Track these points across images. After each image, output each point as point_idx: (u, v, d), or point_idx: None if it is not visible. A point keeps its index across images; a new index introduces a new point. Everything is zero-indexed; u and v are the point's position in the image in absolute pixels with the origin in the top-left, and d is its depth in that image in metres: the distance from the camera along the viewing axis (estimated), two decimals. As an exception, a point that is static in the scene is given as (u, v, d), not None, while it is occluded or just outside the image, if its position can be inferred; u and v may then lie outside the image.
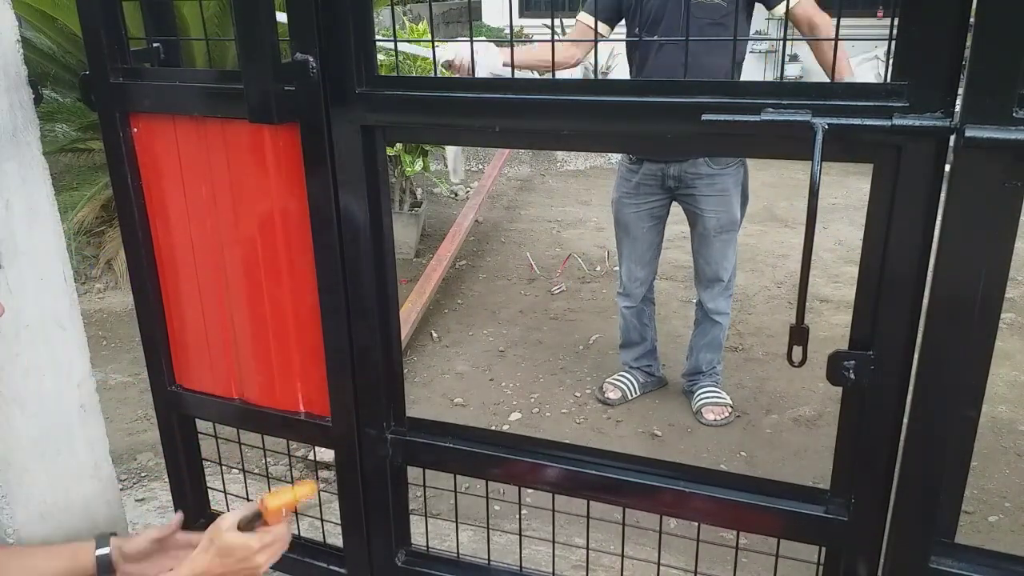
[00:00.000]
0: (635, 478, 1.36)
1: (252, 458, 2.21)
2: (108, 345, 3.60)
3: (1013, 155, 0.94)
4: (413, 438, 1.50)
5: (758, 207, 5.52)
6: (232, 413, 1.61)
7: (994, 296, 1.01)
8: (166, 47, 1.53)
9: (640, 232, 2.88)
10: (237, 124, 1.35)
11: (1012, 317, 3.64)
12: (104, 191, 4.21)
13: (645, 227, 2.87)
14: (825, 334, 3.42)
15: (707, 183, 2.69)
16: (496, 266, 4.56)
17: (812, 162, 0.99)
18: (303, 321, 1.47)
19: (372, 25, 1.25)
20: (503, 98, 1.21)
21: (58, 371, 1.52)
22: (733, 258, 2.85)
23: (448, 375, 3.32)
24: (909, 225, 1.04)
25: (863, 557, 1.24)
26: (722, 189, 2.70)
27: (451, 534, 1.70)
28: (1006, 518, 2.35)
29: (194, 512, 1.80)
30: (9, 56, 1.37)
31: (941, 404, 1.09)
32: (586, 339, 3.58)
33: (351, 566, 1.65)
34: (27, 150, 1.43)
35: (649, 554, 1.52)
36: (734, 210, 2.74)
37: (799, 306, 1.09)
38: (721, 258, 2.81)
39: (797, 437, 2.80)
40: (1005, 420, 2.85)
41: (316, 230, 1.37)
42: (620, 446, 2.74)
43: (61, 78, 4.45)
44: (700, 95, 1.09)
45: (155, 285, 1.59)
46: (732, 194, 2.72)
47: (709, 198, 2.71)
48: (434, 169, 5.17)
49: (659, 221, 2.88)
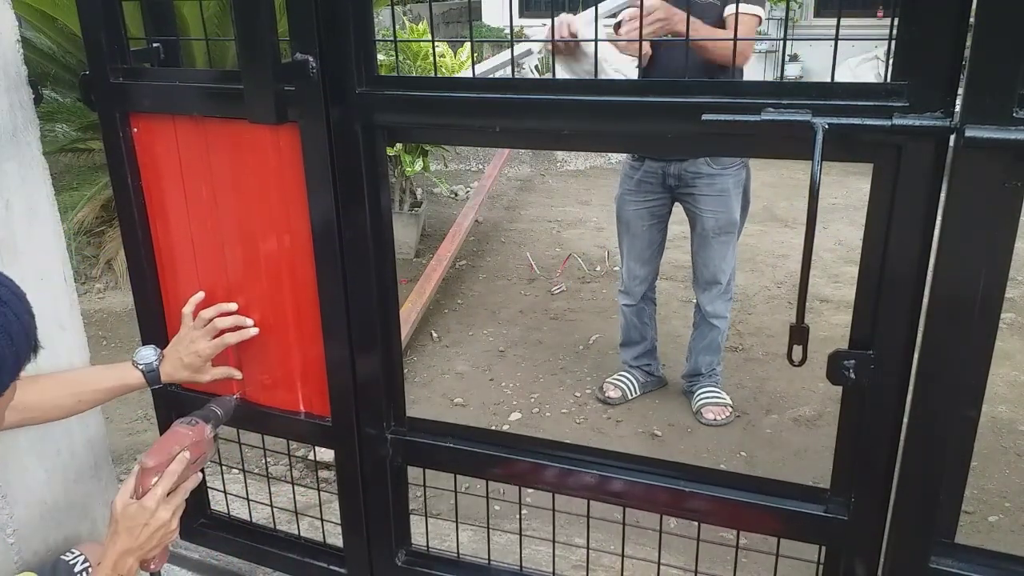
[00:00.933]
0: (635, 478, 1.36)
1: (252, 458, 2.21)
2: (108, 345, 3.60)
3: (1013, 155, 0.94)
4: (413, 438, 1.50)
5: (758, 207, 5.50)
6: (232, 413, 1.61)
7: (994, 296, 1.01)
8: (166, 47, 1.53)
9: (640, 230, 2.89)
10: (237, 124, 1.35)
11: (1012, 317, 3.64)
12: (104, 191, 4.21)
13: (645, 225, 2.87)
14: (825, 334, 3.42)
15: (707, 183, 2.70)
16: (496, 266, 4.56)
17: (812, 162, 0.99)
18: (303, 321, 1.47)
19: (372, 25, 1.25)
20: (503, 98, 1.21)
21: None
22: (732, 261, 2.85)
23: (448, 375, 3.32)
24: (909, 225, 1.04)
25: (863, 557, 1.24)
26: (721, 189, 2.70)
27: (451, 534, 1.70)
28: (1006, 518, 2.35)
29: (194, 512, 1.80)
30: (9, 56, 1.37)
31: (941, 404, 1.09)
32: (586, 339, 3.58)
33: (351, 566, 1.65)
34: (27, 150, 1.43)
35: (649, 554, 1.51)
36: (733, 212, 2.74)
37: (799, 306, 1.09)
38: (720, 260, 2.81)
39: (797, 437, 2.80)
40: (1005, 420, 2.85)
41: (316, 230, 1.37)
42: (620, 446, 2.74)
43: (61, 78, 4.45)
44: (700, 95, 1.09)
45: (155, 285, 1.59)
46: (732, 195, 2.72)
47: (708, 198, 2.71)
48: (434, 169, 5.17)
49: (660, 220, 2.88)
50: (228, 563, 1.87)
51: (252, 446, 1.74)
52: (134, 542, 1.21)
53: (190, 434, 1.33)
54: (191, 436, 1.33)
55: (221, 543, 1.82)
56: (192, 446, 1.31)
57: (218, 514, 1.83)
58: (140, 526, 1.22)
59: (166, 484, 1.25)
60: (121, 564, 1.21)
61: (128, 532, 1.22)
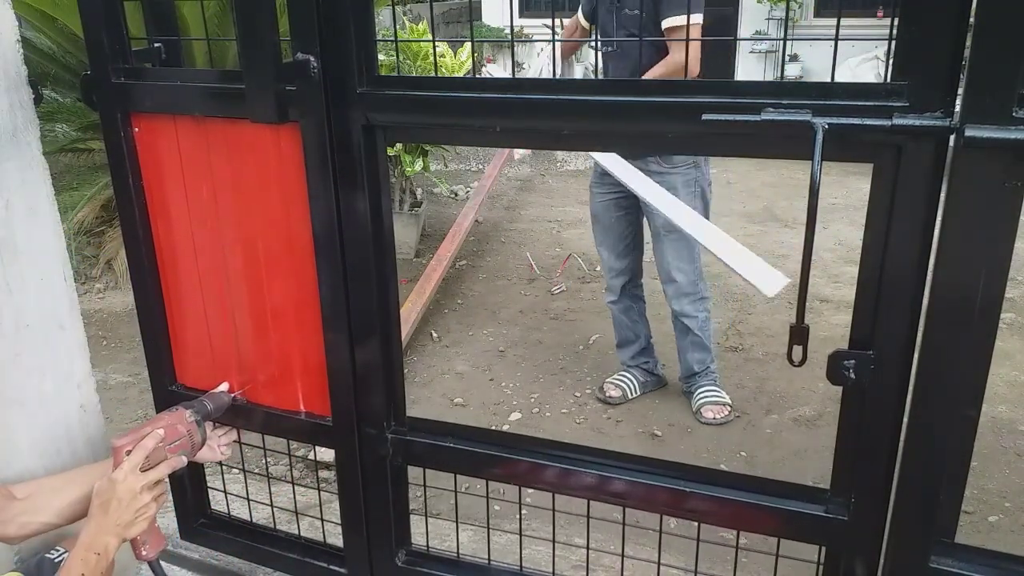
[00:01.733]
0: (635, 478, 1.36)
1: (252, 458, 2.21)
2: (108, 345, 3.60)
3: (1013, 155, 0.94)
4: (413, 438, 1.50)
5: (758, 207, 5.52)
6: (232, 412, 1.61)
7: (994, 296, 1.01)
8: (167, 47, 1.53)
9: (609, 221, 2.94)
10: (238, 124, 1.35)
11: (1012, 317, 3.64)
12: (104, 191, 4.21)
13: (613, 217, 2.92)
14: (825, 334, 3.42)
15: (655, 180, 2.66)
16: (496, 266, 4.56)
17: (812, 162, 0.99)
18: (304, 321, 1.47)
19: (373, 25, 1.25)
20: (503, 98, 1.21)
21: (58, 371, 1.52)
22: (693, 262, 2.83)
23: (448, 375, 3.32)
24: (909, 225, 1.04)
25: (863, 557, 1.24)
26: (669, 187, 2.67)
27: (451, 534, 1.70)
28: (1006, 518, 2.35)
29: (194, 512, 1.80)
30: (9, 56, 1.37)
31: (941, 404, 1.09)
32: (586, 339, 3.58)
33: (351, 566, 1.65)
34: (27, 150, 1.43)
35: (649, 554, 1.51)
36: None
37: (799, 306, 1.09)
38: (673, 258, 2.81)
39: (797, 437, 2.80)
40: (1005, 420, 2.85)
41: (317, 230, 1.37)
42: (620, 446, 2.74)
43: (61, 78, 4.46)
44: (700, 95, 1.09)
45: (156, 285, 1.59)
46: (680, 193, 2.68)
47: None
48: (434, 169, 5.17)
49: (627, 212, 2.91)
50: (228, 563, 1.87)
51: (252, 446, 1.74)
52: (107, 518, 1.20)
53: (166, 416, 1.37)
54: (166, 419, 1.36)
55: (221, 543, 1.82)
56: (167, 427, 1.33)
57: (218, 514, 1.83)
58: (112, 500, 1.21)
59: (135, 458, 1.25)
60: (97, 543, 1.19)
61: (101, 509, 1.21)
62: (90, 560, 1.18)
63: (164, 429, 1.33)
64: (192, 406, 1.45)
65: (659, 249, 2.86)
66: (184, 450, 1.37)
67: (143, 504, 1.24)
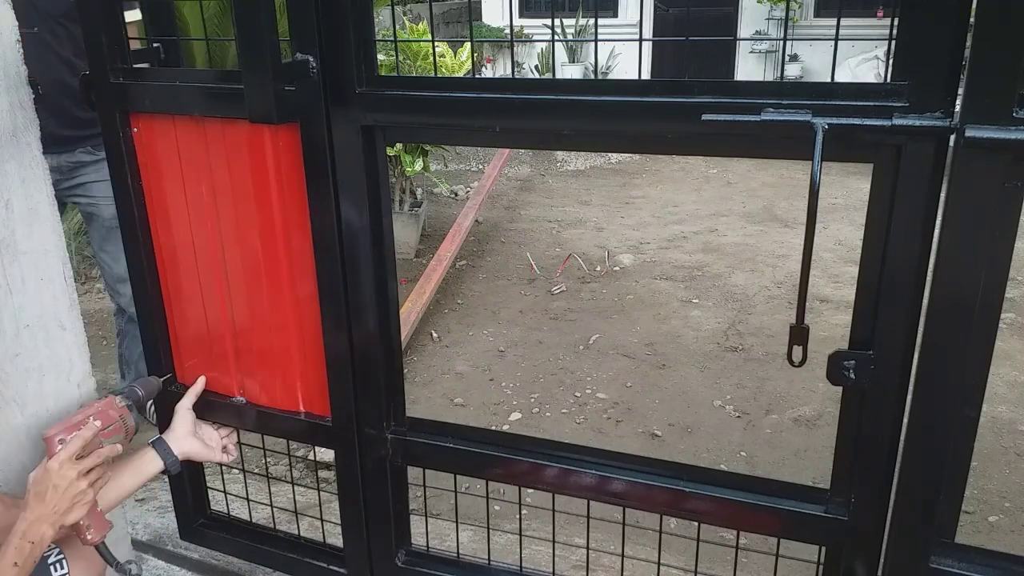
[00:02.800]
0: (635, 478, 1.36)
1: (252, 458, 2.21)
2: (108, 345, 3.60)
3: (1013, 155, 0.94)
4: (413, 438, 1.50)
5: (758, 207, 5.52)
6: (232, 413, 1.61)
7: (994, 296, 1.01)
8: (166, 47, 1.53)
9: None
10: (237, 124, 1.35)
11: (1012, 317, 3.64)
12: (104, 191, 4.20)
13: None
14: (825, 334, 3.42)
15: (94, 169, 2.51)
16: (496, 266, 4.56)
17: (812, 162, 0.99)
18: (303, 321, 1.47)
19: (372, 25, 1.25)
20: (503, 98, 1.20)
21: (58, 371, 1.52)
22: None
23: (448, 375, 3.32)
24: (909, 225, 1.04)
25: (863, 557, 1.24)
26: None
27: (451, 534, 1.70)
28: (1006, 518, 2.35)
29: (194, 512, 1.80)
30: (9, 56, 1.37)
31: (941, 404, 1.09)
32: (586, 339, 3.58)
33: (351, 566, 1.65)
34: (27, 150, 1.43)
35: (649, 554, 1.51)
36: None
37: (799, 306, 1.09)
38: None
39: (797, 437, 2.80)
40: (1005, 420, 2.85)
41: (316, 230, 1.37)
42: (620, 446, 2.74)
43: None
44: (700, 95, 1.09)
45: (155, 285, 1.59)
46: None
47: (100, 184, 2.47)
48: (434, 169, 5.17)
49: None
50: (228, 563, 1.87)
51: (252, 446, 1.74)
52: (43, 507, 1.21)
53: (96, 405, 1.39)
54: (97, 407, 1.38)
55: (221, 543, 1.82)
56: (98, 413, 1.35)
57: (218, 514, 1.83)
58: (47, 489, 1.21)
59: (72, 447, 1.25)
60: (32, 531, 1.19)
61: (37, 498, 1.21)
62: (24, 548, 1.19)
63: (99, 418, 1.35)
64: (122, 391, 1.48)
65: (114, 245, 2.52)
66: (118, 435, 1.39)
67: (79, 491, 1.25)
